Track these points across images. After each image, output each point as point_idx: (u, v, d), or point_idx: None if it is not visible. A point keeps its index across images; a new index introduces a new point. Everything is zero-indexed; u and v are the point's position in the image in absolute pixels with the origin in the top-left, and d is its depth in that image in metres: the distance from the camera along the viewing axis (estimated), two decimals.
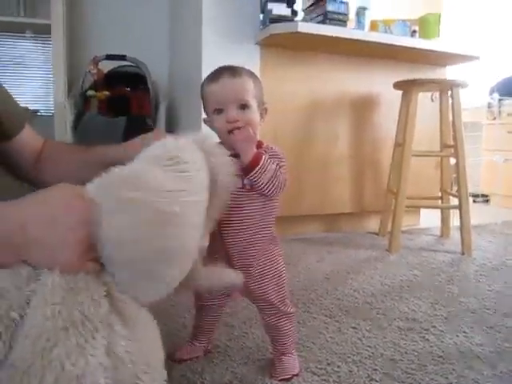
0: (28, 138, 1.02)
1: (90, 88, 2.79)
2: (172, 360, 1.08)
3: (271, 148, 0.98)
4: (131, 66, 2.81)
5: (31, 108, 2.99)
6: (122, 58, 2.73)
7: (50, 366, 0.54)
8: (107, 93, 2.78)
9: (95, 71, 2.73)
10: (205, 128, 1.04)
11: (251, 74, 0.99)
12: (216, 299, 1.07)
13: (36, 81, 3.08)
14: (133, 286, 0.65)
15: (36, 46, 3.05)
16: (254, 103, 0.96)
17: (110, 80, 2.84)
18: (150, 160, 0.67)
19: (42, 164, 1.03)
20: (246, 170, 0.92)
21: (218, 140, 1.01)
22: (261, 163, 0.91)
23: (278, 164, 0.94)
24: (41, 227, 0.60)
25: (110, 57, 2.72)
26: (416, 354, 1.15)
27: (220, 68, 0.98)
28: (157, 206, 0.62)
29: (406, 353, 1.16)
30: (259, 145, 0.97)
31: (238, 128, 0.94)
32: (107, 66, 2.84)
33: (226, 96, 0.94)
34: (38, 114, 3.02)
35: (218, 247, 0.99)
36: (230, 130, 0.94)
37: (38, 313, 0.57)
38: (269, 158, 0.93)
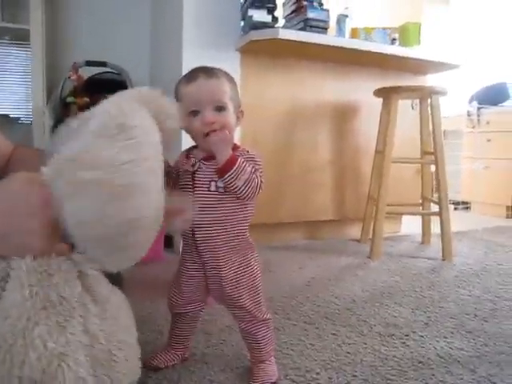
0: None
1: (70, 94, 2.75)
2: (148, 368, 1.05)
3: (247, 151, 0.97)
4: (112, 72, 2.78)
5: (11, 115, 2.94)
6: (103, 64, 2.70)
7: (32, 345, 0.56)
8: (87, 99, 2.74)
9: (75, 77, 2.69)
10: (183, 132, 1.03)
11: (227, 76, 0.98)
12: (191, 306, 1.05)
13: (14, 87, 3.02)
14: (103, 259, 0.66)
15: (15, 51, 3.00)
16: (230, 105, 0.95)
17: (90, 86, 2.80)
18: (96, 131, 0.65)
19: (11, 168, 1.00)
20: (221, 171, 0.90)
21: (193, 143, 1.00)
22: (236, 165, 0.90)
23: (253, 167, 0.93)
24: (1, 219, 0.59)
25: (89, 63, 2.69)
26: (396, 359, 1.14)
27: (195, 68, 0.96)
28: (112, 182, 0.61)
29: (386, 359, 1.14)
30: (235, 148, 0.96)
31: (215, 130, 0.92)
32: (87, 73, 2.81)
33: (202, 97, 0.92)
34: (19, 121, 2.97)
35: (191, 247, 0.98)
36: (207, 133, 0.93)
37: (17, 295, 0.58)
38: (245, 161, 0.92)
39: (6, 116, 2.92)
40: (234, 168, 0.89)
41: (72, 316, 0.60)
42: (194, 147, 1.00)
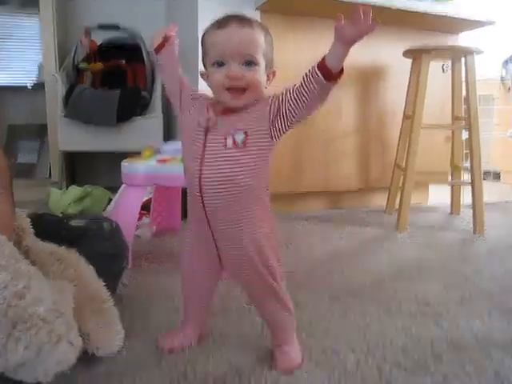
0: None
1: (83, 60, 2.67)
2: (162, 350, 0.98)
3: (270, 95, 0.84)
4: (126, 36, 2.68)
5: (21, 82, 2.86)
6: (115, 27, 2.60)
7: None
8: (101, 65, 2.65)
9: (87, 42, 2.60)
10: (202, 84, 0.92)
11: (263, 27, 0.84)
12: (204, 281, 0.97)
13: (25, 53, 2.94)
14: None
15: (25, 18, 2.90)
16: (262, 61, 0.82)
17: (104, 52, 2.71)
18: None
19: None
20: (335, 74, 0.78)
21: (211, 95, 0.89)
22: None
23: None
24: None
25: (102, 27, 2.59)
26: (429, 341, 1.05)
27: (228, 15, 0.83)
28: None
29: (418, 340, 1.05)
30: (263, 99, 0.84)
31: (238, 88, 0.80)
32: (101, 38, 2.71)
33: (231, 47, 0.79)
34: (32, 89, 2.90)
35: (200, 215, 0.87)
36: (229, 88, 0.81)
37: None
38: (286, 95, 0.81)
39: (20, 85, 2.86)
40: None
41: None
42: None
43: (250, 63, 0.81)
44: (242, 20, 0.81)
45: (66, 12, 2.84)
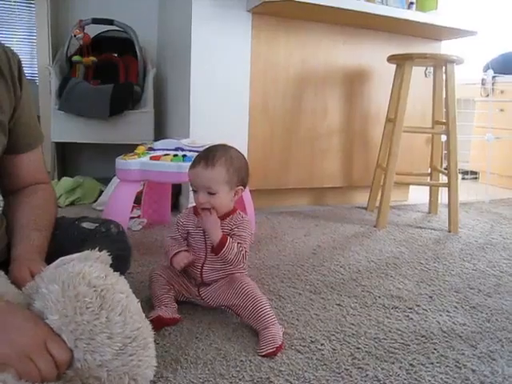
0: (30, 163, 1.11)
1: (76, 53, 2.71)
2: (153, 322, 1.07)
3: (242, 216, 1.20)
4: (119, 30, 2.72)
5: None
6: (110, 22, 2.64)
7: None
8: (94, 58, 2.70)
9: (81, 36, 2.64)
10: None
11: (227, 162, 1.14)
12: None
13: (19, 45, 2.96)
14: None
15: (20, 7, 2.92)
16: (223, 189, 1.14)
17: (97, 45, 2.75)
18: None
19: (13, 199, 1.10)
20: (214, 250, 1.15)
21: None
22: (225, 247, 1.12)
23: (239, 243, 1.15)
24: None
25: (96, 21, 2.63)
26: (399, 332, 1.16)
27: (200, 155, 1.16)
28: None
29: (389, 331, 1.16)
30: (233, 211, 1.20)
31: (206, 208, 1.14)
32: (94, 31, 2.75)
33: (198, 183, 1.15)
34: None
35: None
36: (202, 208, 1.16)
37: None
38: (233, 241, 1.14)
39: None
40: (224, 249, 1.12)
41: None
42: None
43: (212, 193, 1.14)
44: (208, 161, 1.13)
45: (60, 4, 2.87)
